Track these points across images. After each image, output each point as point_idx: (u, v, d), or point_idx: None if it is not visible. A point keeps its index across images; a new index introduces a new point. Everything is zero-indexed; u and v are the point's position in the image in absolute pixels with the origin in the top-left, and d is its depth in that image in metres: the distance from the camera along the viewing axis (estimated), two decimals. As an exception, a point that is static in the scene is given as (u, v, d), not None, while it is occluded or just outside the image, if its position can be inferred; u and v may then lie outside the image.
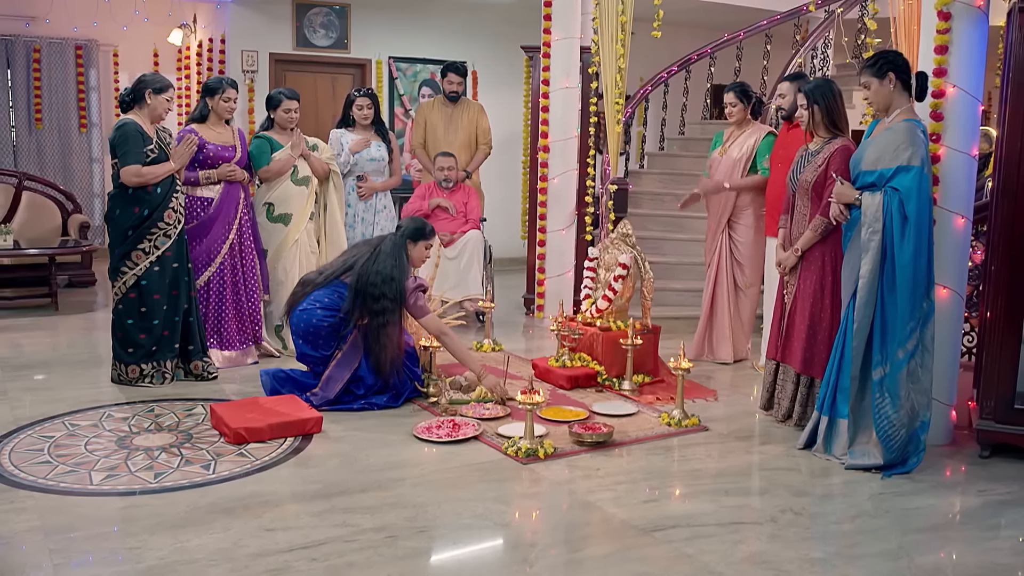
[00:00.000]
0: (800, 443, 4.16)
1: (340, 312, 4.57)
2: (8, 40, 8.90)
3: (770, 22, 8.66)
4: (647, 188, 8.22)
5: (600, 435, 4.13)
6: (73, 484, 3.56)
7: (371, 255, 4.62)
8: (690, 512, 3.42)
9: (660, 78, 8.37)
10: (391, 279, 4.53)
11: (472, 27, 9.58)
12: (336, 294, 4.63)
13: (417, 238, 4.74)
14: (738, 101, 5.58)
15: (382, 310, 4.49)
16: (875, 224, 3.77)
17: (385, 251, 4.61)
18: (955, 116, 4.07)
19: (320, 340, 4.63)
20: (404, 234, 4.72)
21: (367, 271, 4.55)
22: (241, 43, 8.63)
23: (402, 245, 4.67)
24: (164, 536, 3.11)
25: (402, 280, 4.56)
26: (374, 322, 4.50)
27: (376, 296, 4.50)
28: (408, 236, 4.72)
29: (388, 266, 4.55)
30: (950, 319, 4.19)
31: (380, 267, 4.55)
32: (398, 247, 4.65)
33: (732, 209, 5.61)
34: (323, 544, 3.07)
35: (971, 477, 3.88)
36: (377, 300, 4.49)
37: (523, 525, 3.32)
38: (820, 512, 3.48)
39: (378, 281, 4.51)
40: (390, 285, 4.52)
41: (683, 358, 4.41)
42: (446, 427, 4.26)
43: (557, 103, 6.68)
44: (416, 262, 4.80)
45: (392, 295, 4.51)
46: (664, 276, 7.31)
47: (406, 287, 4.58)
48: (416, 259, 4.78)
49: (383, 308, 4.49)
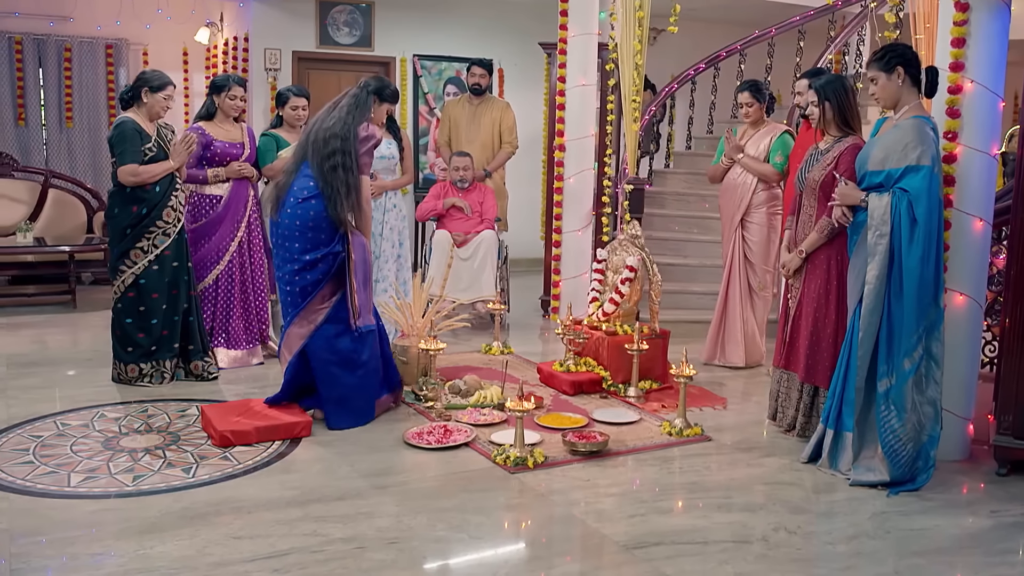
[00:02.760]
0: (804, 456, 3.96)
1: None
2: (40, 39, 8.99)
3: (803, 18, 8.39)
4: (672, 188, 8.03)
5: (594, 444, 3.99)
6: (50, 486, 3.51)
7: (328, 110, 4.26)
8: (677, 528, 3.26)
9: (687, 76, 8.17)
10: (344, 136, 4.15)
11: (498, 24, 9.45)
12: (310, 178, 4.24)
13: (384, 98, 4.50)
14: (753, 100, 5.38)
15: (335, 165, 4.12)
16: (882, 227, 3.57)
17: (345, 105, 4.22)
18: (973, 113, 3.84)
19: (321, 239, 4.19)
20: (370, 88, 4.33)
21: (321, 125, 4.21)
22: (264, 41, 8.60)
23: (364, 98, 4.27)
24: (129, 542, 3.04)
25: (354, 137, 4.18)
26: (330, 170, 4.13)
27: (329, 150, 4.13)
28: (374, 91, 4.37)
29: (343, 114, 4.19)
30: (967, 328, 3.97)
31: (336, 115, 4.20)
32: (358, 99, 4.25)
33: (746, 208, 5.41)
34: (288, 554, 2.98)
35: (985, 496, 3.66)
36: (331, 154, 4.13)
37: (498, 539, 3.19)
38: (815, 531, 3.29)
39: (332, 135, 4.15)
40: (344, 142, 4.14)
41: (686, 365, 4.24)
42: (437, 433, 4.15)
43: (574, 101, 6.52)
44: (377, 120, 4.56)
45: (345, 151, 4.14)
46: (685, 279, 7.13)
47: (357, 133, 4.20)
48: (377, 118, 4.51)
49: (335, 163, 4.12)
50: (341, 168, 4.15)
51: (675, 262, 7.20)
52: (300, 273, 4.23)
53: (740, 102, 5.45)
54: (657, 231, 7.51)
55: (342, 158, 4.15)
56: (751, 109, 5.40)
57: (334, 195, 4.14)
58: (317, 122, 4.27)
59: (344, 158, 4.15)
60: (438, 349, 4.79)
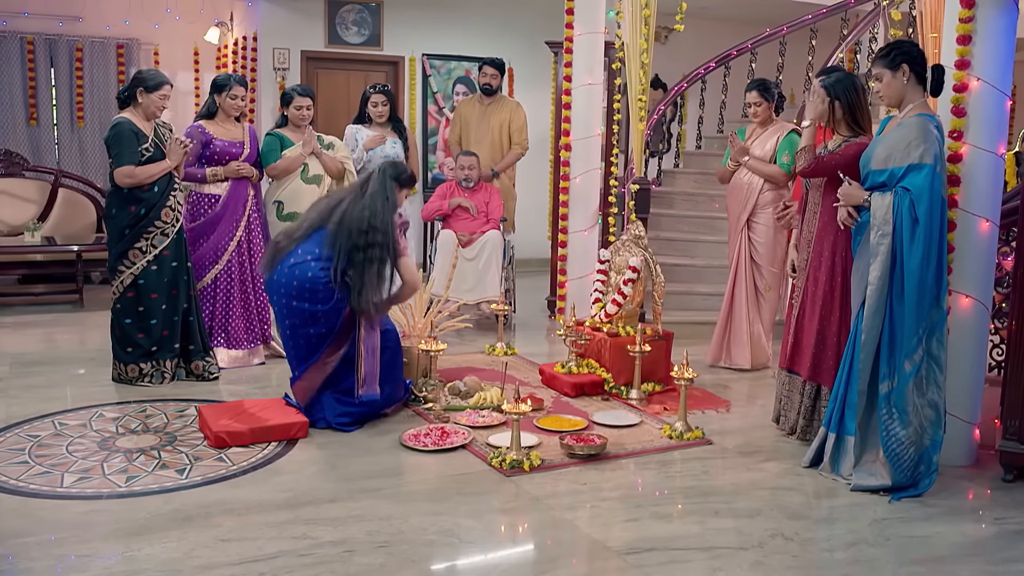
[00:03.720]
0: (806, 461, 3.90)
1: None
2: (52, 39, 9.02)
3: (815, 16, 8.29)
4: (681, 188, 7.96)
5: (592, 447, 3.93)
6: (42, 486, 3.50)
7: (355, 196, 4.28)
8: (672, 534, 3.20)
9: (697, 74, 8.10)
10: (380, 221, 4.18)
11: (508, 24, 9.41)
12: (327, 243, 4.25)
13: (403, 183, 4.42)
14: (761, 99, 5.31)
15: (372, 251, 4.13)
16: (884, 227, 3.50)
17: (372, 193, 4.25)
18: (979, 112, 3.76)
19: (319, 297, 4.19)
20: (389, 175, 4.34)
21: (353, 211, 4.20)
22: (273, 41, 8.60)
23: (390, 186, 4.31)
24: (117, 544, 3.02)
25: (391, 221, 4.23)
26: (362, 258, 4.12)
27: (365, 239, 4.13)
28: (393, 178, 4.35)
29: (378, 207, 4.21)
30: (973, 331, 3.89)
31: (369, 207, 4.20)
32: (386, 187, 4.28)
33: (752, 208, 5.34)
34: (275, 558, 2.95)
35: (989, 503, 3.58)
36: (366, 239, 4.13)
37: (488, 543, 3.14)
38: (813, 538, 3.22)
39: (366, 223, 4.15)
40: (381, 227, 4.17)
41: (686, 367, 4.18)
42: (434, 435, 4.11)
43: (579, 100, 6.46)
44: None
45: (382, 236, 4.16)
46: (692, 279, 7.07)
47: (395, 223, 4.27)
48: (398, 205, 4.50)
49: (374, 251, 4.13)
50: (379, 262, 4.17)
51: (682, 263, 7.14)
52: (303, 327, 4.22)
53: (748, 101, 5.38)
54: (665, 231, 7.45)
55: (381, 252, 4.18)
56: (759, 109, 5.33)
57: (364, 287, 4.14)
58: (345, 205, 4.25)
59: (383, 252, 4.19)
60: (438, 350, 4.75)
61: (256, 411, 4.20)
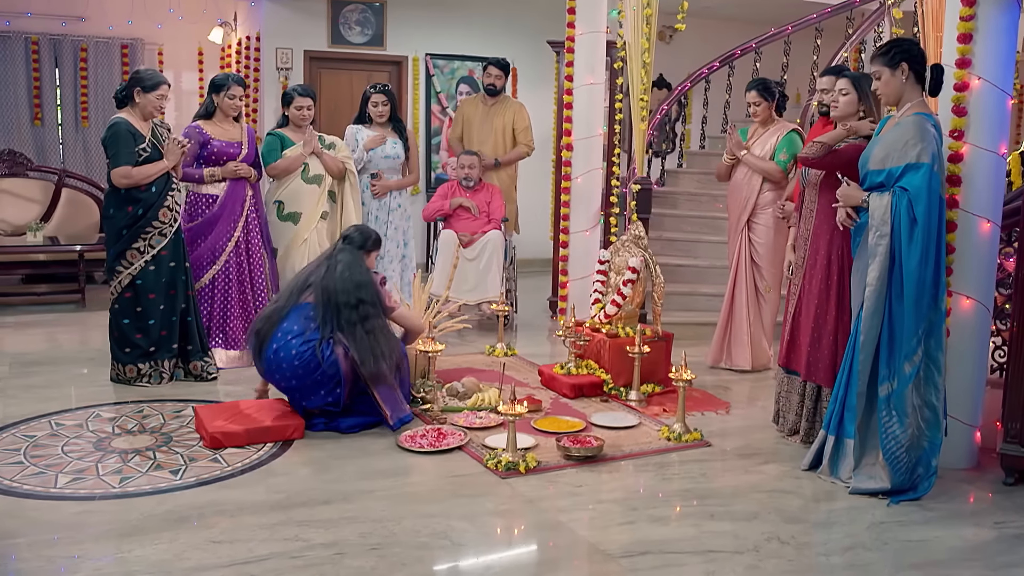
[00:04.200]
0: (805, 463, 3.86)
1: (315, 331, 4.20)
2: (56, 39, 9.03)
3: (820, 16, 8.25)
4: (684, 188, 7.92)
5: (589, 449, 3.91)
6: (36, 487, 3.49)
7: (328, 269, 4.29)
8: (666, 537, 3.17)
9: (700, 74, 8.06)
10: (362, 284, 4.24)
11: (512, 23, 9.38)
12: (304, 317, 4.23)
13: (369, 249, 4.44)
14: (761, 99, 5.28)
15: (365, 315, 4.21)
16: (883, 228, 3.46)
17: (344, 261, 4.29)
18: (980, 111, 3.72)
19: (310, 368, 4.12)
20: (356, 245, 4.39)
21: (332, 283, 4.22)
22: (276, 40, 8.59)
23: (359, 256, 4.37)
24: (108, 545, 3.01)
25: (373, 282, 4.33)
26: (360, 330, 4.16)
27: (353, 304, 4.18)
28: (359, 247, 4.39)
29: (355, 272, 4.26)
30: (974, 332, 3.85)
31: (346, 274, 4.24)
32: (356, 257, 4.34)
33: (752, 209, 5.31)
34: (266, 560, 2.93)
35: (989, 506, 3.54)
36: (356, 307, 4.18)
37: (481, 546, 3.12)
38: (809, 542, 3.19)
39: (350, 287, 4.20)
40: (365, 289, 4.25)
41: (685, 368, 4.15)
42: (431, 436, 4.09)
43: (581, 99, 6.43)
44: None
45: (370, 299, 4.26)
46: (695, 280, 7.03)
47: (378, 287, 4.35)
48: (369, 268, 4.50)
49: (366, 313, 4.21)
50: (372, 318, 4.20)
51: (685, 263, 7.10)
52: (314, 395, 4.18)
53: (748, 101, 5.35)
54: (668, 231, 7.41)
55: (376, 321, 4.22)
56: (759, 108, 5.30)
57: (367, 353, 4.12)
58: (322, 279, 4.25)
59: (377, 320, 4.23)
60: (436, 351, 4.73)
61: (252, 412, 4.19)
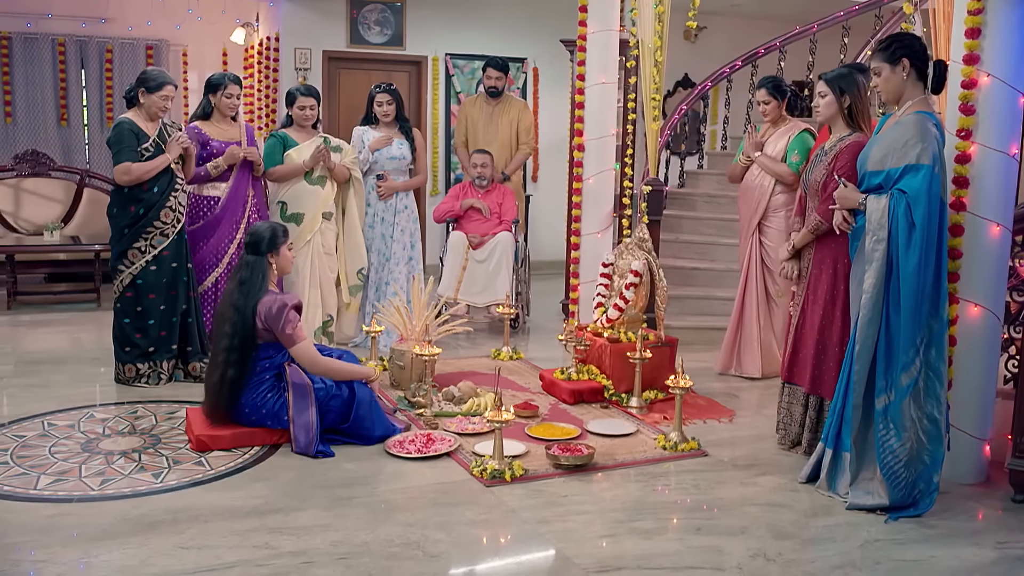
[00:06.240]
0: (802, 476, 3.72)
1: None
2: (82, 41, 9.12)
3: (847, 13, 8.05)
4: (703, 190, 7.76)
5: (579, 458, 3.80)
6: (15, 488, 3.47)
7: (231, 290, 4.01)
8: (647, 552, 3.06)
9: (722, 73, 7.90)
10: (240, 308, 3.91)
11: (532, 22, 9.28)
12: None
13: (267, 250, 4.03)
14: (770, 98, 5.13)
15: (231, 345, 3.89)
16: (880, 232, 3.31)
17: (237, 279, 3.99)
18: (989, 109, 3.54)
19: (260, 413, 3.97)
20: (254, 252, 4.01)
21: (219, 309, 4.03)
22: (295, 41, 8.58)
23: (262, 263, 4.00)
24: (75, 550, 2.97)
25: (255, 308, 3.91)
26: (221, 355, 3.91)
27: (228, 332, 3.90)
28: (260, 253, 4.01)
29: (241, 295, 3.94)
30: (983, 341, 3.67)
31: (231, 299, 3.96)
32: (257, 268, 3.98)
33: (763, 212, 5.16)
34: (231, 567, 2.87)
35: (994, 525, 3.36)
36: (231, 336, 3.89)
37: (452, 558, 3.02)
38: (797, 559, 3.05)
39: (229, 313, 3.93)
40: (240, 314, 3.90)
41: (681, 375, 4.02)
42: (419, 442, 4.01)
43: (593, 99, 6.29)
44: (284, 269, 4.18)
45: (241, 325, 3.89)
46: (711, 284, 6.88)
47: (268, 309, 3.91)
48: (284, 267, 4.15)
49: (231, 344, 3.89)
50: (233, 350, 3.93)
51: (701, 266, 6.95)
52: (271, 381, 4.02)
53: (757, 100, 5.21)
54: (686, 234, 7.27)
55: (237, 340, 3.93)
56: (768, 107, 5.16)
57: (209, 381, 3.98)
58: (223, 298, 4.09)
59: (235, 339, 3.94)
60: (432, 355, 4.64)
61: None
